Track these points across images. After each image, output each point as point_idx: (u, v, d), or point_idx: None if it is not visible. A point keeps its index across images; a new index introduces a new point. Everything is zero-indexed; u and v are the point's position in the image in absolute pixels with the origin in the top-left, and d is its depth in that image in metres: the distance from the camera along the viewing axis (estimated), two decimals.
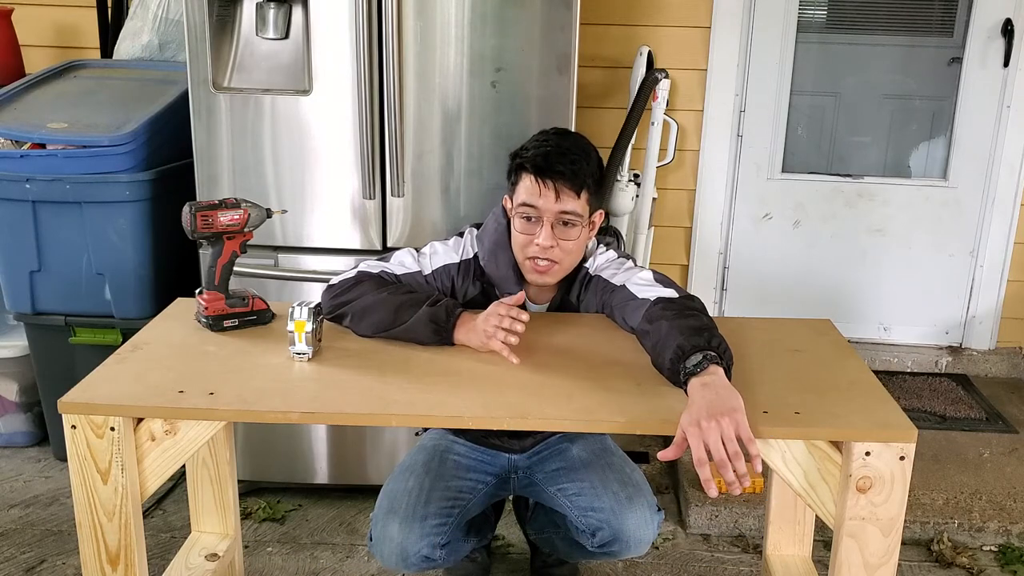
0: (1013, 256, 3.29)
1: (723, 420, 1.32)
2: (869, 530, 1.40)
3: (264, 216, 1.72)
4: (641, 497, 1.76)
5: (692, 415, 1.35)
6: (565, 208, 1.70)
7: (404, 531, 1.74)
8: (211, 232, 1.67)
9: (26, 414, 2.81)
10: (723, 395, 1.36)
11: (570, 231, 1.72)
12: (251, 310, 1.72)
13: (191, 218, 1.64)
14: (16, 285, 2.51)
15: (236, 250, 1.70)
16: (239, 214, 1.68)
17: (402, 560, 1.76)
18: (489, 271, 1.81)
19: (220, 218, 1.67)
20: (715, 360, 1.42)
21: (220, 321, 1.70)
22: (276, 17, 2.24)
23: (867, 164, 3.34)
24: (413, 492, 1.79)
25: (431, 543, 1.75)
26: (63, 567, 2.26)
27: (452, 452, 1.93)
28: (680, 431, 1.35)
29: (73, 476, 1.45)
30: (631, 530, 1.74)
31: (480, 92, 2.24)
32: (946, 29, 3.22)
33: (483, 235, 1.84)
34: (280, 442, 2.51)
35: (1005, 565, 2.34)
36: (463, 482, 1.88)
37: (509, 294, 1.77)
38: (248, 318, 1.72)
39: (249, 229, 1.71)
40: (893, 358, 3.39)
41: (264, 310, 1.74)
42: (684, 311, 1.57)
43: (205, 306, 1.69)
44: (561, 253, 1.73)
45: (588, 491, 1.79)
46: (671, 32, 3.06)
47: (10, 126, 2.45)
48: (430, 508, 1.77)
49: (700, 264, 3.32)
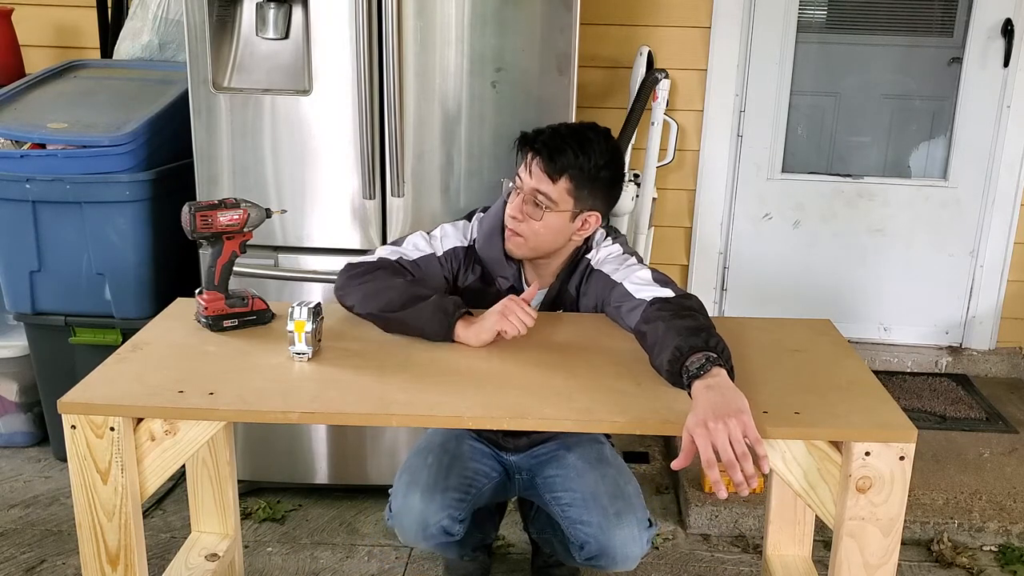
0: (1013, 256, 3.29)
1: (730, 421, 1.32)
2: (869, 530, 1.40)
3: (264, 216, 1.72)
4: (631, 513, 1.75)
5: (698, 417, 1.34)
6: (538, 187, 1.74)
7: (425, 501, 1.76)
8: (210, 232, 1.67)
9: (26, 414, 2.81)
10: (728, 396, 1.36)
11: (535, 211, 1.75)
12: (251, 310, 1.72)
13: (190, 218, 1.64)
14: (16, 285, 2.51)
15: (236, 250, 1.71)
16: (238, 214, 1.68)
17: (422, 530, 1.78)
18: (482, 252, 1.85)
19: (219, 218, 1.67)
20: (716, 362, 1.42)
21: (220, 321, 1.70)
22: (276, 17, 2.24)
23: (867, 164, 3.34)
24: (433, 467, 1.82)
25: (451, 516, 1.77)
26: (63, 567, 2.26)
27: (466, 438, 1.96)
28: (687, 435, 1.34)
29: (73, 476, 1.45)
30: (617, 547, 1.74)
31: (480, 92, 2.24)
32: (946, 29, 3.22)
33: (484, 218, 1.88)
34: (280, 442, 2.51)
35: (1005, 565, 2.34)
36: (479, 465, 1.91)
37: (503, 278, 1.83)
38: (248, 318, 1.72)
39: (249, 229, 1.71)
40: (893, 358, 3.39)
41: (264, 310, 1.74)
42: (681, 311, 1.57)
43: (205, 306, 1.69)
44: (528, 230, 1.77)
45: (579, 503, 1.79)
46: (671, 32, 3.06)
47: (10, 126, 2.45)
48: (450, 482, 1.81)
49: (700, 264, 3.32)
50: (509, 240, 1.81)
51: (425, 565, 2.31)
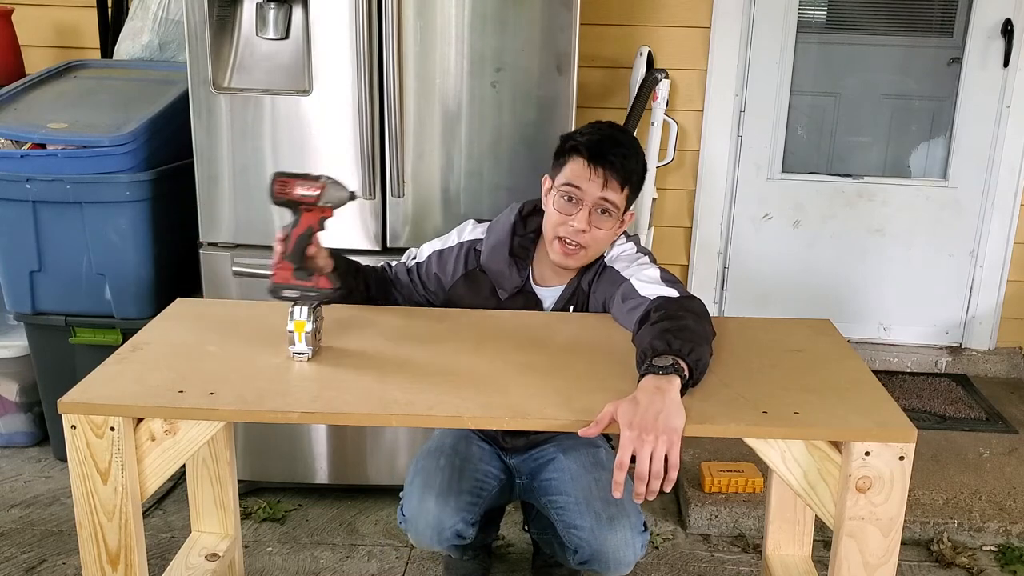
0: (1013, 256, 3.29)
1: (661, 437, 1.33)
2: (869, 530, 1.40)
3: (345, 197, 1.66)
4: (623, 518, 1.75)
5: (636, 417, 1.34)
6: (607, 196, 1.74)
7: (440, 504, 1.77)
8: (286, 199, 1.65)
9: (26, 414, 2.81)
10: (671, 410, 1.35)
11: (605, 220, 1.76)
12: (314, 286, 1.67)
13: (271, 183, 1.64)
14: (16, 285, 2.51)
15: (313, 224, 1.66)
16: (315, 187, 1.64)
17: (437, 533, 1.78)
18: (487, 263, 1.86)
19: (296, 188, 1.64)
20: (680, 372, 1.41)
21: (280, 289, 1.66)
22: (276, 17, 2.24)
23: (867, 164, 3.34)
24: (446, 470, 1.83)
25: (464, 519, 1.78)
26: (63, 567, 2.26)
27: (474, 440, 1.97)
28: (608, 413, 1.36)
29: (73, 476, 1.45)
30: (609, 552, 1.74)
31: (480, 92, 2.24)
32: (946, 29, 3.22)
33: (493, 227, 1.88)
34: (280, 442, 2.51)
35: (1005, 565, 2.34)
36: (488, 467, 1.92)
37: (503, 290, 1.85)
38: (309, 293, 1.66)
39: (326, 205, 1.66)
40: (893, 358, 3.39)
41: (328, 289, 1.68)
42: (679, 311, 1.57)
43: (272, 272, 1.68)
44: (590, 239, 1.76)
45: (572, 507, 1.79)
46: (671, 32, 3.06)
47: (10, 126, 2.45)
48: (463, 485, 1.82)
49: (700, 264, 3.32)
50: (568, 256, 1.78)
51: (425, 565, 2.31)
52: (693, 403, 1.41)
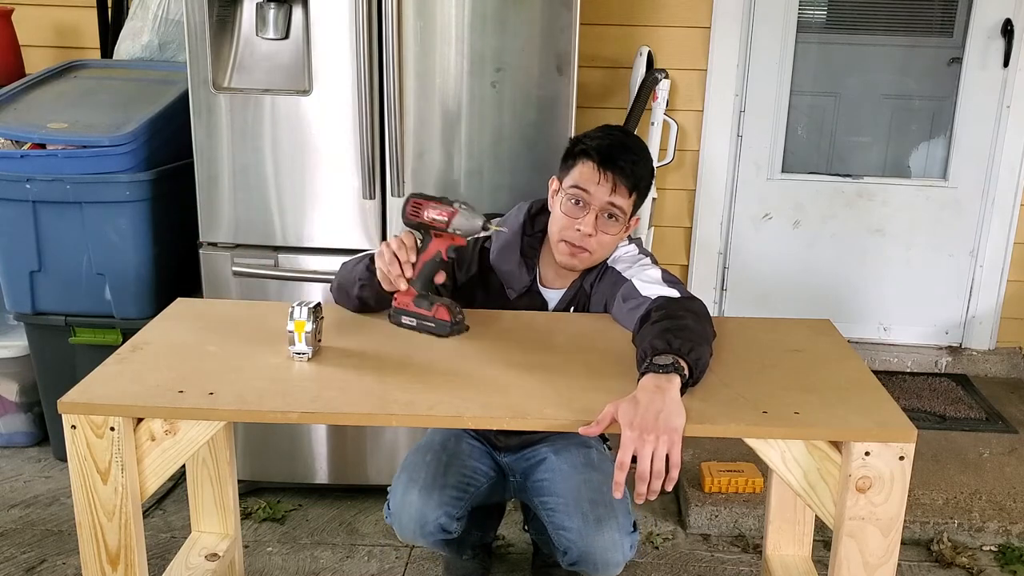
0: (1013, 256, 3.29)
1: (662, 436, 1.33)
2: (869, 530, 1.40)
3: (477, 227, 1.62)
4: (612, 519, 1.74)
5: (637, 417, 1.34)
6: (615, 201, 1.74)
7: (423, 498, 1.78)
8: (418, 222, 1.64)
9: (26, 414, 2.81)
10: (671, 409, 1.36)
11: (611, 225, 1.76)
12: (434, 316, 1.66)
13: (404, 203, 1.64)
14: (16, 285, 2.51)
15: (442, 250, 1.65)
16: (447, 212, 1.63)
17: (420, 527, 1.79)
18: (496, 262, 1.86)
19: (428, 212, 1.63)
20: (680, 372, 1.41)
21: (399, 316, 1.67)
22: (276, 17, 2.24)
23: (867, 164, 3.34)
24: (431, 464, 1.84)
25: (448, 513, 1.79)
26: (63, 567, 2.26)
27: (465, 437, 1.97)
28: (609, 413, 1.36)
29: (73, 476, 1.45)
30: (597, 553, 1.74)
31: (480, 92, 2.24)
32: (946, 29, 3.22)
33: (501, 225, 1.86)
34: (280, 442, 2.51)
35: (1005, 565, 2.34)
36: (477, 464, 1.92)
37: (512, 290, 1.84)
38: (426, 322, 1.66)
39: (456, 232, 1.63)
40: (893, 358, 3.39)
41: (445, 322, 1.65)
42: (680, 311, 1.57)
43: (395, 298, 1.68)
44: (596, 244, 1.77)
45: (561, 508, 1.80)
46: (671, 32, 3.06)
47: (10, 126, 2.45)
48: (448, 480, 1.82)
49: (700, 264, 3.32)
50: (574, 256, 1.78)
51: (425, 565, 2.31)
52: (693, 403, 1.41)
